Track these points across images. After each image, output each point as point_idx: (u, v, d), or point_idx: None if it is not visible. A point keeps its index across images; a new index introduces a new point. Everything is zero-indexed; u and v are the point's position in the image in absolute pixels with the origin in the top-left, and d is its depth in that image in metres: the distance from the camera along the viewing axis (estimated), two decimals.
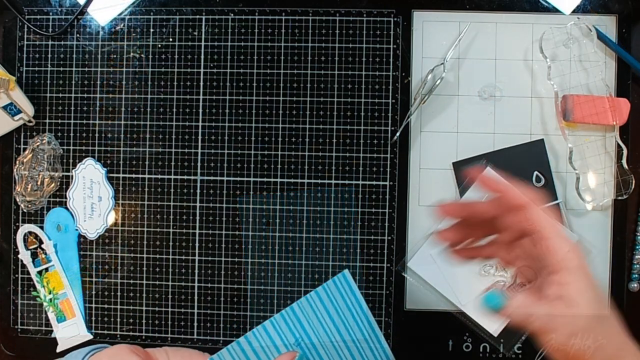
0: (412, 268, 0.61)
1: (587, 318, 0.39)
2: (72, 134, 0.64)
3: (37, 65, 0.64)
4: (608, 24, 0.61)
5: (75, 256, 0.64)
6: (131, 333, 0.64)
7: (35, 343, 0.64)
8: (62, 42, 0.64)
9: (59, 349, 0.64)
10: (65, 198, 0.64)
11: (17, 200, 0.64)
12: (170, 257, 0.63)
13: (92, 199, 0.64)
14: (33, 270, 0.64)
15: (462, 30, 0.62)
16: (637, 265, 0.61)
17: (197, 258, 0.63)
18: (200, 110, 0.63)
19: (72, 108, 0.64)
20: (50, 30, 0.64)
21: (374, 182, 0.62)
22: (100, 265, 0.64)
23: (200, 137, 0.63)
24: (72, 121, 0.64)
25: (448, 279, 0.60)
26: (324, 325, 0.43)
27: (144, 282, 0.64)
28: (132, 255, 0.64)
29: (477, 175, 0.42)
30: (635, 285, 0.61)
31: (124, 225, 0.64)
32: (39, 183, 0.64)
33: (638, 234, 0.61)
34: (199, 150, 0.63)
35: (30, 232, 0.64)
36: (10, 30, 0.65)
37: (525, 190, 0.41)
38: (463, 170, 0.41)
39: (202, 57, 0.63)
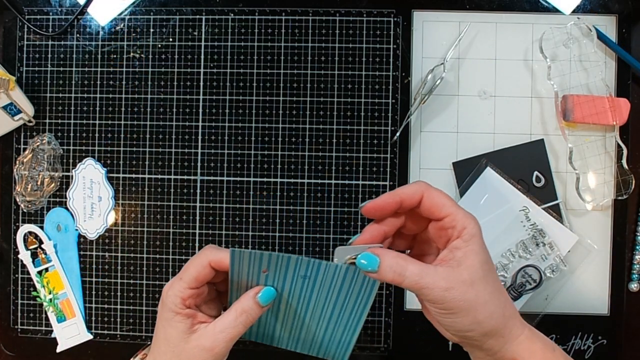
0: None
1: (461, 279, 0.41)
2: (72, 134, 0.64)
3: (37, 65, 0.64)
4: (608, 24, 0.61)
5: (75, 256, 0.64)
6: (131, 333, 0.64)
7: (35, 343, 0.64)
8: (62, 42, 0.64)
9: (59, 349, 0.64)
10: (65, 198, 0.64)
11: (17, 200, 0.64)
12: (170, 257, 0.63)
13: (92, 199, 0.64)
14: (33, 270, 0.64)
15: (462, 30, 0.62)
16: (637, 265, 0.61)
17: None
18: (200, 110, 0.63)
19: (72, 108, 0.64)
20: (50, 30, 0.64)
21: (374, 182, 0.62)
22: (100, 265, 0.64)
23: (200, 137, 0.63)
24: (72, 121, 0.64)
25: None
26: (329, 297, 0.45)
27: (144, 282, 0.64)
28: (132, 255, 0.64)
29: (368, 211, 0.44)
30: (635, 285, 0.61)
31: (124, 225, 0.64)
32: (39, 183, 0.64)
33: (638, 234, 0.61)
34: (199, 150, 0.63)
35: (30, 232, 0.64)
36: (10, 30, 0.65)
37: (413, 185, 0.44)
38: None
39: (202, 57, 0.63)
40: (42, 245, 0.64)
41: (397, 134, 0.62)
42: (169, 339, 0.45)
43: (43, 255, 0.64)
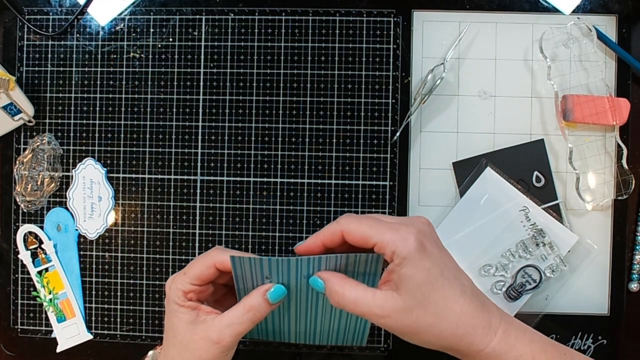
0: None
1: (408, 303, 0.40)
2: (72, 134, 0.64)
3: (37, 65, 0.64)
4: (608, 24, 0.61)
5: (75, 256, 0.64)
6: (131, 333, 0.64)
7: (35, 343, 0.64)
8: (62, 42, 0.64)
9: (59, 349, 0.64)
10: (65, 198, 0.64)
11: (17, 200, 0.64)
12: (170, 257, 0.63)
13: (92, 199, 0.64)
14: (33, 270, 0.64)
15: (462, 30, 0.62)
16: (637, 265, 0.61)
17: None
18: (200, 110, 0.63)
19: (72, 108, 0.64)
20: (50, 30, 0.64)
21: (374, 182, 0.62)
22: (100, 265, 0.64)
23: (200, 137, 0.63)
24: (72, 121, 0.64)
25: None
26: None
27: (144, 282, 0.64)
28: (132, 255, 0.64)
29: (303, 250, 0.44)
30: (635, 285, 0.61)
31: (124, 225, 0.64)
32: (39, 183, 0.64)
33: (638, 234, 0.61)
34: (199, 150, 0.63)
35: (30, 232, 0.64)
36: (10, 30, 0.65)
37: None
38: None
39: (202, 57, 0.63)
40: (42, 245, 0.64)
41: (397, 134, 0.62)
42: (176, 330, 0.45)
43: (43, 255, 0.64)
